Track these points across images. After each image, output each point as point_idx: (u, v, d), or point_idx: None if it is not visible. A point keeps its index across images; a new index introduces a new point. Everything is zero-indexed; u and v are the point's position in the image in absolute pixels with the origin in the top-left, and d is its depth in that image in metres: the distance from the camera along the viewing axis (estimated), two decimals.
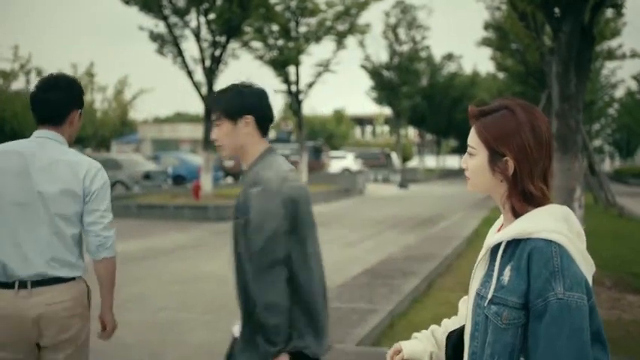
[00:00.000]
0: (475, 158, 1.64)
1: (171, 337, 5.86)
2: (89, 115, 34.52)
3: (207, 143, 17.48)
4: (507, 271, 1.53)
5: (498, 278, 1.54)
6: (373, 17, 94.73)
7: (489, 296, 1.55)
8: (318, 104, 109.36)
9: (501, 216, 1.74)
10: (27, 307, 2.61)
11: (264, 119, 2.49)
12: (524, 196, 1.58)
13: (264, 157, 2.46)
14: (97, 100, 38.39)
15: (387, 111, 45.97)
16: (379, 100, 40.00)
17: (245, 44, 21.29)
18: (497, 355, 1.52)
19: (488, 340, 1.55)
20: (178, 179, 24.78)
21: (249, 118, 2.45)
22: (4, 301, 2.61)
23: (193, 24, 17.46)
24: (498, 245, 1.58)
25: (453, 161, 67.37)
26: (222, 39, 17.62)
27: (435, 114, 48.53)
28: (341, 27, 24.93)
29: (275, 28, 23.16)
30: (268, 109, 2.53)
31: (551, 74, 15.22)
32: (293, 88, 24.47)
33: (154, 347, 5.59)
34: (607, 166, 64.73)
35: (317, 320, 2.49)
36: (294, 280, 2.41)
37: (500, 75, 41.88)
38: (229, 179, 29.23)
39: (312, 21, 24.36)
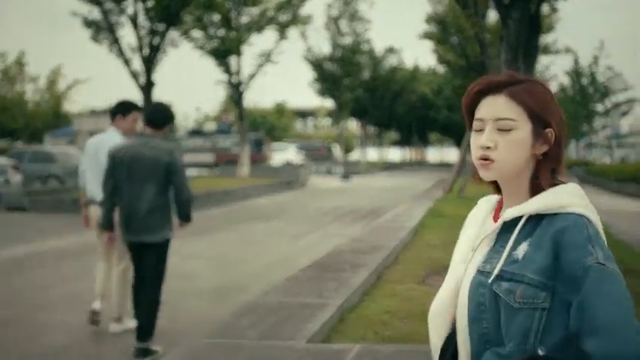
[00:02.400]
0: (514, 132, 1.43)
1: (107, 338, 5.50)
2: (20, 107, 33.08)
3: None
4: (523, 247, 1.39)
5: (510, 253, 1.39)
6: (315, 9, 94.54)
7: (496, 271, 1.39)
8: (259, 96, 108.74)
9: (483, 202, 1.61)
10: None
11: None
12: (552, 172, 1.46)
13: None
14: (29, 91, 36.86)
15: (328, 103, 45.97)
16: (322, 92, 39.92)
17: (185, 33, 20.74)
18: (510, 338, 1.37)
19: (502, 320, 1.38)
20: None
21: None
22: None
23: (130, 10, 16.84)
24: (512, 220, 1.43)
25: (394, 153, 68.17)
26: (161, 27, 17.07)
27: (377, 107, 48.90)
28: (283, 17, 24.66)
29: (216, 17, 22.68)
30: None
31: (491, 67, 15.32)
32: (234, 79, 24.06)
33: (90, 350, 5.23)
34: None
35: None
36: None
37: (441, 69, 42.49)
38: None
39: (254, 11, 24.00)
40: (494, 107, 1.45)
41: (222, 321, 5.02)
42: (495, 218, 1.53)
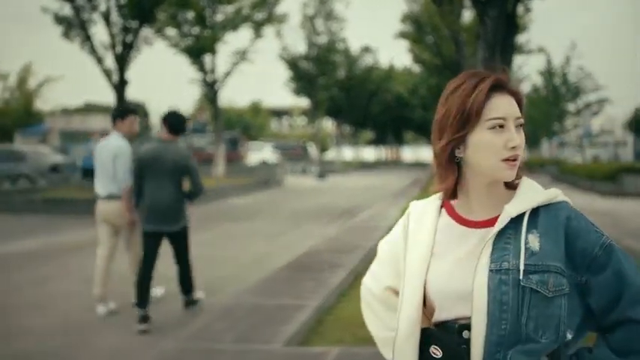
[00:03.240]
0: (523, 130, 1.48)
1: (80, 340, 5.34)
2: None
3: None
4: (534, 239, 1.42)
5: (526, 247, 1.42)
6: (291, 7, 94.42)
7: (522, 267, 1.40)
8: (234, 95, 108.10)
9: (419, 207, 1.62)
10: None
11: None
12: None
13: None
14: None
15: (304, 103, 45.87)
16: (297, 91, 39.82)
17: (159, 31, 20.46)
18: (542, 329, 1.38)
19: (529, 315, 1.38)
20: (89, 172, 23.56)
21: None
22: None
23: (103, 7, 16.54)
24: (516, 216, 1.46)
25: (369, 153, 68.28)
26: (134, 24, 16.79)
27: (353, 106, 48.94)
28: (258, 16, 24.49)
29: (190, 15, 22.43)
30: None
31: (467, 66, 15.38)
32: (209, 77, 23.84)
33: (62, 353, 5.07)
34: None
35: None
36: None
37: (416, 69, 42.66)
38: None
39: (229, 9, 23.80)
40: (513, 106, 1.46)
41: (196, 324, 4.90)
42: (467, 222, 1.50)
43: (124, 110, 6.40)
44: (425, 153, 67.03)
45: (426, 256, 1.51)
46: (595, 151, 52.17)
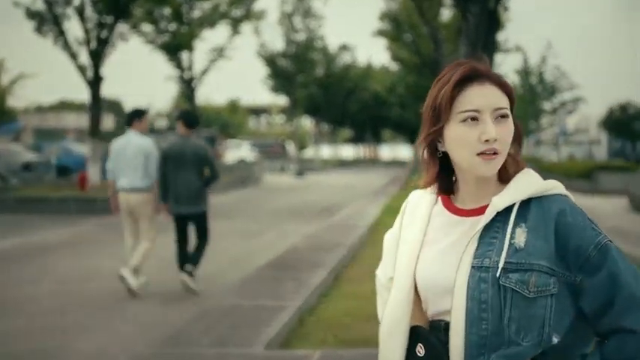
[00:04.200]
0: (508, 121, 1.38)
1: (56, 344, 5.14)
2: None
3: (95, 132, 16.34)
4: (521, 234, 1.33)
5: (510, 243, 1.32)
6: (269, 4, 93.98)
7: (501, 264, 1.31)
8: (212, 93, 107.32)
9: (415, 197, 1.57)
10: None
11: None
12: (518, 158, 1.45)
13: None
14: None
15: (282, 101, 45.69)
16: (275, 89, 39.63)
17: (134, 27, 20.14)
18: (524, 331, 1.29)
19: (509, 315, 1.30)
20: (63, 170, 23.14)
21: None
22: None
23: (77, 1, 16.21)
24: (503, 209, 1.37)
25: (347, 151, 68.27)
26: (109, 20, 16.49)
27: (331, 104, 48.85)
28: (236, 12, 24.28)
29: (167, 11, 22.15)
30: None
31: (445, 65, 15.44)
32: (186, 74, 23.57)
33: (38, 358, 4.87)
34: None
35: None
36: None
37: (394, 67, 42.71)
38: None
39: (206, 5, 23.55)
40: (491, 96, 1.36)
41: (173, 327, 4.74)
42: (458, 211, 1.44)
43: (142, 111, 7.24)
44: (403, 151, 67.23)
45: (416, 244, 1.46)
46: (570, 150, 52.77)
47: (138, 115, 7.03)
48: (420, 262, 1.44)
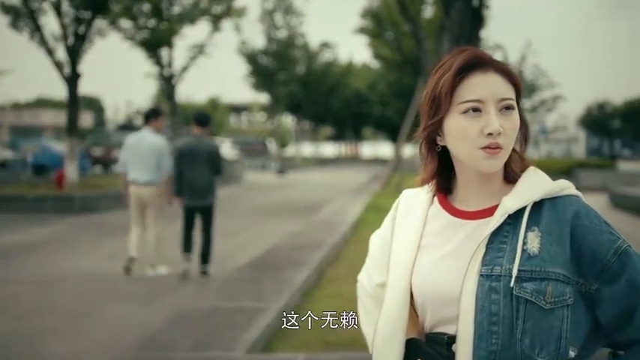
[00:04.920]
0: (514, 113, 1.26)
1: (31, 348, 4.95)
2: None
3: (72, 129, 16.03)
4: (533, 239, 1.21)
5: (523, 248, 1.20)
6: (250, 1, 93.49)
7: (514, 273, 1.19)
8: (192, 91, 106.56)
9: (410, 196, 1.43)
10: None
11: None
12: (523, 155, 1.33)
13: None
14: None
15: (263, 98, 45.47)
16: (256, 87, 39.41)
17: (113, 22, 19.80)
18: (540, 344, 1.18)
19: (522, 328, 1.18)
20: (40, 169, 22.76)
21: None
22: None
23: None
24: (516, 212, 1.24)
25: (329, 149, 68.20)
26: (87, 15, 16.16)
27: (312, 102, 48.72)
28: (217, 9, 24.03)
29: (146, 7, 21.83)
30: None
31: (427, 62, 15.27)
32: (166, 71, 23.28)
33: None
34: None
35: None
36: None
37: (376, 64, 42.68)
38: (98, 168, 27.37)
39: (186, 1, 23.27)
40: (494, 86, 1.24)
41: (151, 330, 4.59)
42: (459, 213, 1.30)
43: (158, 111, 7.90)
44: (384, 149, 67.30)
45: (412, 249, 1.32)
46: (549, 147, 53.25)
47: (154, 114, 7.57)
48: (416, 269, 1.31)
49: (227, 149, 34.54)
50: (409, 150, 27.28)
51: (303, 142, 54.78)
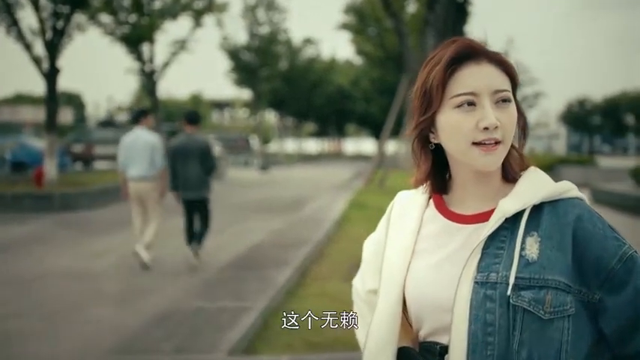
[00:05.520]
0: (510, 106, 1.17)
1: (8, 351, 4.81)
2: None
3: (51, 126, 15.76)
4: (532, 244, 1.13)
5: (521, 254, 1.12)
6: None
7: (511, 280, 1.11)
8: (174, 87, 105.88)
9: (404, 197, 1.35)
10: None
11: None
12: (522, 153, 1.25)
13: None
14: None
15: (246, 94, 45.25)
16: (239, 83, 39.19)
17: (92, 17, 19.51)
18: (538, 357, 1.10)
19: (519, 339, 1.10)
20: (18, 166, 22.42)
21: None
22: None
23: None
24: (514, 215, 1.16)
25: (312, 145, 68.10)
26: (65, 9, 15.88)
27: (295, 98, 48.58)
28: (198, 4, 23.80)
29: (126, 1, 21.55)
30: None
31: (410, 58, 15.22)
32: (147, 67, 23.01)
33: None
34: None
35: None
36: None
37: (358, 61, 42.64)
38: (78, 165, 27.03)
39: None
40: (489, 77, 1.16)
41: (130, 332, 4.47)
42: (455, 216, 1.23)
43: (146, 111, 8.39)
44: (367, 146, 67.33)
45: (406, 254, 1.25)
46: (531, 143, 53.71)
47: (143, 113, 8.13)
48: (410, 275, 1.23)
49: None
50: (392, 147, 27.25)
51: (286, 138, 54.63)
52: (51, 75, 15.89)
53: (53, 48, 15.84)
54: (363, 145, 71.48)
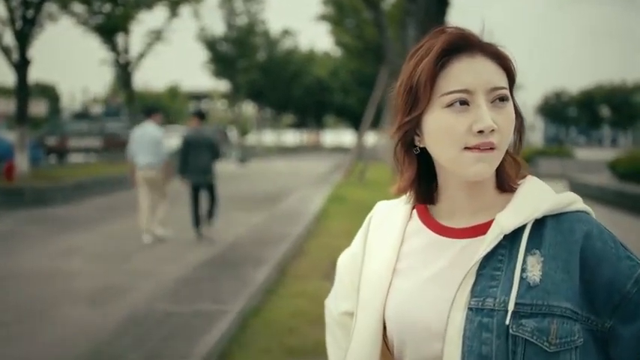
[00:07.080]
0: (508, 106, 1.02)
1: None
2: None
3: (22, 118, 15.34)
4: (533, 264, 0.97)
5: (521, 277, 0.97)
6: None
7: (511, 307, 0.95)
8: (151, 78, 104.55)
9: (385, 208, 1.19)
10: None
11: None
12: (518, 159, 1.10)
13: None
14: None
15: (224, 86, 44.82)
16: (216, 74, 38.78)
17: (64, 6, 19.03)
18: None
19: None
20: None
21: None
22: None
23: None
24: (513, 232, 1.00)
25: (290, 137, 67.89)
26: None
27: (273, 89, 48.29)
28: None
29: None
30: None
31: (389, 50, 15.05)
32: (122, 58, 22.56)
33: None
34: None
35: None
36: None
37: (337, 52, 42.43)
38: (52, 158, 26.50)
39: None
40: (484, 73, 1.00)
41: (99, 338, 4.24)
42: (443, 230, 1.06)
43: (157, 108, 9.75)
44: (345, 137, 67.25)
45: (387, 272, 1.08)
46: None
47: (155, 110, 9.42)
48: (392, 296, 1.07)
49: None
50: (371, 138, 27.13)
51: (264, 130, 54.30)
52: (21, 66, 15.47)
53: (23, 38, 15.41)
54: (341, 136, 71.41)
